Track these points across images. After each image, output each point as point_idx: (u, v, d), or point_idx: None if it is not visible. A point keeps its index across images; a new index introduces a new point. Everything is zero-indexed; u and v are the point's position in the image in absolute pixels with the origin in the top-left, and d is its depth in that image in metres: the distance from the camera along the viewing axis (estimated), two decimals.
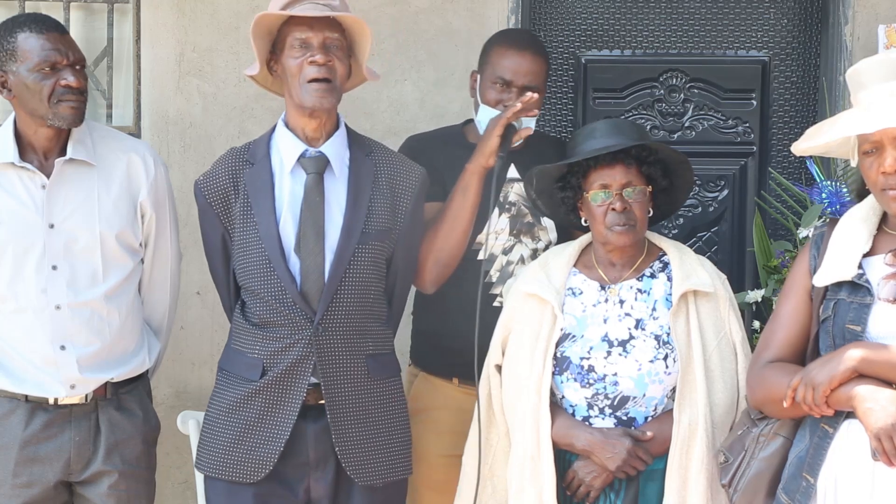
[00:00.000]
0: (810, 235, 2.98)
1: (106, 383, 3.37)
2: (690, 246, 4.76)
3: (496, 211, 3.65)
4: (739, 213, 4.83)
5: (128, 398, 3.43)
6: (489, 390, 3.35)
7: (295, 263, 3.25)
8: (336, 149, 3.33)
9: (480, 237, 3.59)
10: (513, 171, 3.68)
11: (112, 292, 3.36)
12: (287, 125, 3.35)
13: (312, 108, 3.27)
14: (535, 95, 3.45)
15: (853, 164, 2.88)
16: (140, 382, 3.49)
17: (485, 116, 3.58)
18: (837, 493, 2.70)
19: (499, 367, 3.33)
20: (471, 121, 3.78)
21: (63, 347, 3.31)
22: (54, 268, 3.30)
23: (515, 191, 3.69)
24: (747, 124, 4.81)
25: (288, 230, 3.26)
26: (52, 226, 3.31)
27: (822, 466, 2.73)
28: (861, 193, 2.95)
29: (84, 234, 3.33)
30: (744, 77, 4.81)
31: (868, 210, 2.88)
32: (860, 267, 2.80)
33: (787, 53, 4.80)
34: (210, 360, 4.53)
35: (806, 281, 2.91)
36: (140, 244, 3.45)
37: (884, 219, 2.88)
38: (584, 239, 3.38)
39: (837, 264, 2.82)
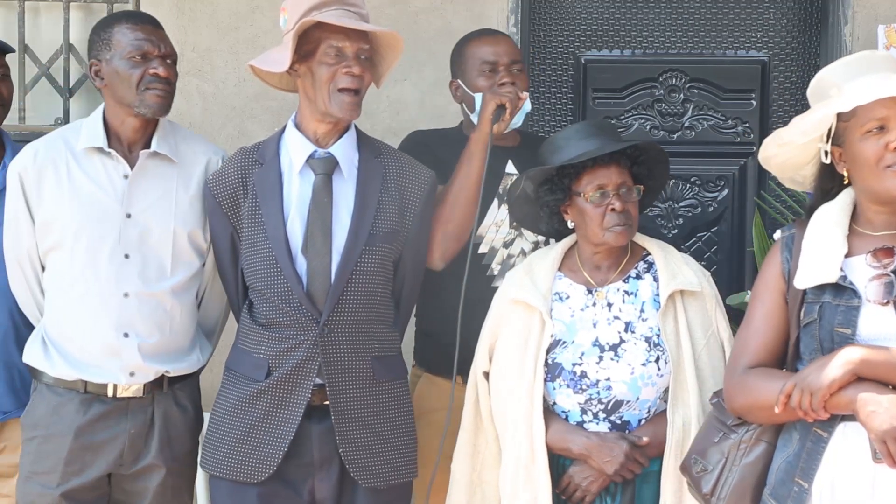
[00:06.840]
0: (776, 238, 2.93)
1: (163, 377, 3.38)
2: (690, 246, 4.78)
3: (495, 202, 3.66)
4: (739, 213, 4.83)
5: (182, 395, 3.45)
6: (476, 396, 3.33)
7: (302, 264, 3.25)
8: (345, 150, 3.33)
9: (481, 230, 3.61)
10: (510, 167, 3.69)
11: (178, 288, 3.38)
12: (298, 126, 3.34)
13: (339, 119, 3.27)
14: (526, 94, 3.54)
15: (825, 160, 2.83)
16: (192, 380, 3.50)
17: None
18: (835, 497, 2.67)
19: (486, 374, 3.31)
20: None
21: (126, 335, 3.32)
22: (126, 256, 3.33)
23: None
24: (747, 124, 4.82)
25: (295, 231, 3.26)
26: (129, 215, 3.33)
27: (818, 471, 2.70)
28: (821, 196, 2.91)
29: (158, 227, 3.35)
30: (743, 77, 4.82)
31: (839, 210, 2.83)
32: (841, 269, 2.75)
33: (786, 53, 4.81)
34: (210, 359, 4.51)
35: (779, 284, 2.86)
36: (207, 247, 3.46)
37: (854, 218, 2.83)
38: (566, 242, 3.35)
39: (817, 266, 2.77)
